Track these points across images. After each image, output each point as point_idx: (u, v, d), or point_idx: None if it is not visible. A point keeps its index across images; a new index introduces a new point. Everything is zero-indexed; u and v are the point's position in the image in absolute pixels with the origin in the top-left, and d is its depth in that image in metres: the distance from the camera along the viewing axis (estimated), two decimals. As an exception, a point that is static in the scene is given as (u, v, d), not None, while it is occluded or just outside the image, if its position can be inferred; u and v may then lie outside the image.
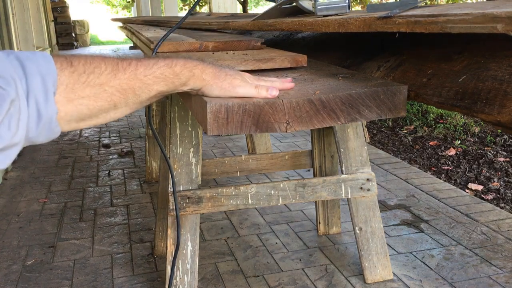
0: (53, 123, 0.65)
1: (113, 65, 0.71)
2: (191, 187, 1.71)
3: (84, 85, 0.68)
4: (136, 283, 2.02)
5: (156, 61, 0.76)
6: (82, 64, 0.69)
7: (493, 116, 0.68)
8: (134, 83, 0.73)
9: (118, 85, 0.71)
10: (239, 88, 0.81)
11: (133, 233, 2.47)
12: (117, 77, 0.71)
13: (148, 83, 0.74)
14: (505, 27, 0.62)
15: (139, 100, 0.75)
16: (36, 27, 6.93)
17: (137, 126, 4.72)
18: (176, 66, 0.77)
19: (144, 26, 2.71)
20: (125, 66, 0.72)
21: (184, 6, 15.69)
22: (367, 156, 1.92)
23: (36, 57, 0.64)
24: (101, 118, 0.72)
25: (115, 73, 0.71)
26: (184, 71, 0.77)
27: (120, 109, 0.73)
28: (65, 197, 2.98)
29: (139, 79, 0.73)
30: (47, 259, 2.23)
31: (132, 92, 0.73)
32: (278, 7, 1.39)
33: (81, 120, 0.70)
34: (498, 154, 3.59)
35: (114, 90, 0.71)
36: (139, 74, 0.73)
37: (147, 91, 0.74)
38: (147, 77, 0.74)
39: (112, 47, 14.73)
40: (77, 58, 0.69)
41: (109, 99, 0.70)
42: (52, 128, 0.65)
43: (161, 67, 0.75)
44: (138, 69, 0.73)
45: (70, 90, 0.66)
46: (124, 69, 0.72)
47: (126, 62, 0.73)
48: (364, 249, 1.93)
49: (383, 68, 1.00)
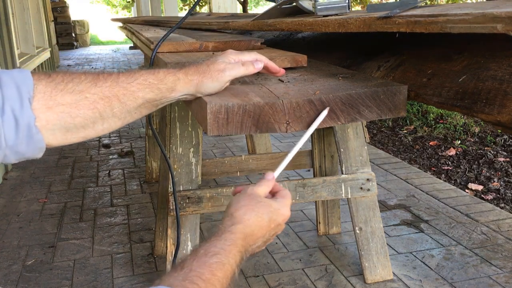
0: (32, 129, 0.65)
1: (93, 76, 0.72)
2: (191, 187, 1.71)
3: (62, 92, 0.68)
4: (136, 283, 2.02)
5: (138, 70, 0.77)
6: (61, 76, 0.70)
7: (493, 116, 0.68)
8: (117, 90, 0.73)
9: (100, 93, 0.71)
10: (228, 71, 0.81)
11: (133, 233, 2.47)
12: (98, 85, 0.71)
13: (132, 90, 0.74)
14: (505, 27, 0.62)
15: (126, 108, 0.74)
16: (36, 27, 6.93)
17: (137, 126, 4.72)
18: (159, 73, 0.77)
19: (144, 26, 2.71)
20: (106, 76, 0.73)
21: (184, 6, 15.68)
22: (367, 156, 1.92)
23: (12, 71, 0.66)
24: (88, 130, 0.72)
25: (95, 81, 0.71)
26: (168, 76, 0.77)
27: (108, 120, 0.73)
28: (65, 197, 2.98)
29: (122, 87, 0.73)
30: (47, 259, 2.23)
31: (117, 99, 0.73)
32: (278, 7, 1.39)
33: (67, 131, 0.70)
34: (498, 154, 3.59)
35: (97, 98, 0.71)
36: (122, 82, 0.74)
37: (132, 99, 0.74)
38: (130, 84, 0.74)
39: (112, 47, 14.73)
40: (56, 72, 0.71)
41: (92, 106, 0.70)
42: (33, 135, 0.66)
43: (143, 74, 0.76)
44: (120, 78, 0.74)
45: (48, 97, 0.67)
46: (105, 79, 0.73)
47: (107, 74, 0.74)
48: (364, 249, 1.93)
49: (383, 68, 1.00)
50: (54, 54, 8.48)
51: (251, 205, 0.74)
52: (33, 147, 0.67)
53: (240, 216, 0.72)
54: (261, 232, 0.73)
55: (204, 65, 0.82)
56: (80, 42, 14.71)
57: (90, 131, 0.73)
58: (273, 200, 0.77)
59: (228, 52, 0.86)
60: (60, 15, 12.86)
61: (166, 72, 0.78)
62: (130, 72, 0.75)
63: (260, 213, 0.73)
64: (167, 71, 0.78)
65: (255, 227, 0.72)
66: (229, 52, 0.86)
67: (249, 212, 0.73)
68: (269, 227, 0.74)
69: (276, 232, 0.77)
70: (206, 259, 0.64)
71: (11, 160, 0.66)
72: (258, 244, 0.74)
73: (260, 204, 0.74)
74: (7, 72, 0.66)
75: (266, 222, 0.73)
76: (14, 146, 0.64)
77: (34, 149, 0.67)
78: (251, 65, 0.84)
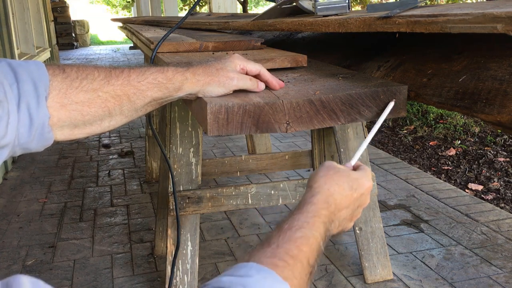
0: (45, 128, 0.64)
1: (106, 72, 0.71)
2: (191, 187, 1.71)
3: (77, 90, 0.67)
4: (136, 283, 2.02)
5: (148, 68, 0.76)
6: (75, 71, 0.69)
7: (493, 116, 0.68)
8: (128, 89, 0.72)
9: (112, 91, 0.71)
10: (236, 81, 0.82)
11: (133, 233, 2.47)
12: (111, 83, 0.71)
13: (142, 89, 0.74)
14: (505, 27, 0.62)
15: (134, 107, 0.74)
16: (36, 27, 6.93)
17: (137, 126, 4.72)
18: (168, 71, 0.77)
19: (144, 26, 2.71)
20: (118, 73, 0.72)
21: (184, 6, 15.68)
22: (367, 156, 1.92)
23: (28, 64, 0.64)
24: (95, 126, 0.72)
25: (108, 79, 0.71)
26: (176, 75, 0.77)
27: (115, 117, 0.73)
28: (65, 197, 2.98)
29: (133, 85, 0.73)
30: (47, 259, 2.23)
31: (127, 98, 0.72)
32: (278, 7, 1.39)
33: (75, 127, 0.69)
34: (498, 154, 3.58)
35: (109, 96, 0.70)
36: (133, 80, 0.73)
37: (141, 97, 0.74)
38: (141, 83, 0.73)
39: (112, 47, 14.73)
40: (70, 66, 0.70)
41: (103, 105, 0.70)
42: (44, 133, 0.65)
43: (153, 73, 0.75)
44: (131, 75, 0.73)
45: (63, 95, 0.66)
46: (117, 76, 0.72)
47: (118, 70, 0.73)
48: (364, 249, 1.93)
49: (383, 68, 1.00)
50: (54, 54, 8.48)
51: (329, 174, 0.71)
52: (42, 144, 0.66)
53: (320, 187, 0.70)
54: (344, 202, 0.71)
55: (212, 67, 0.81)
56: (80, 42, 14.71)
57: (97, 127, 0.72)
58: (352, 171, 0.75)
59: (234, 56, 0.85)
60: (60, 15, 12.87)
61: (175, 71, 0.77)
62: (140, 69, 0.75)
63: (340, 182, 0.71)
64: (175, 70, 0.78)
65: (337, 195, 0.70)
66: (236, 56, 0.85)
67: (329, 181, 0.70)
68: (352, 197, 0.71)
69: (361, 203, 0.74)
70: (291, 234, 0.62)
71: (16, 154, 0.66)
72: (344, 216, 0.72)
73: (339, 173, 0.72)
74: (23, 65, 0.64)
75: (347, 191, 0.71)
76: (25, 144, 0.64)
77: (42, 145, 0.67)
78: (256, 83, 0.85)
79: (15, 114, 0.60)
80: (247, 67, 0.85)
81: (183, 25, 2.07)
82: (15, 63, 0.63)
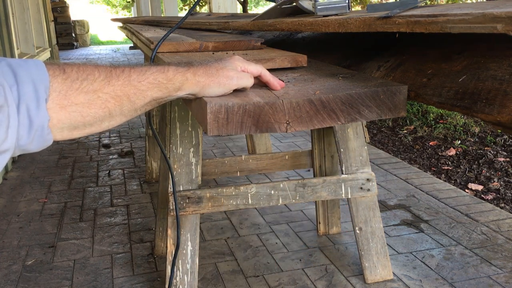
0: (45, 130, 0.64)
1: (106, 72, 0.71)
2: (191, 187, 1.71)
3: (77, 92, 0.67)
4: (136, 283, 2.02)
5: (148, 67, 0.76)
6: (75, 71, 0.68)
7: (493, 116, 0.68)
8: (129, 90, 0.72)
9: (113, 92, 0.70)
10: (236, 80, 0.82)
11: (133, 233, 2.47)
12: (111, 83, 0.70)
13: (143, 89, 0.73)
14: (505, 27, 0.62)
15: (134, 107, 0.74)
16: (36, 27, 6.93)
17: (137, 126, 4.72)
18: (168, 71, 0.76)
19: (144, 26, 2.71)
20: (119, 73, 0.72)
21: (184, 6, 15.68)
22: (367, 156, 1.92)
23: (28, 65, 0.63)
24: (95, 127, 0.71)
25: (108, 79, 0.70)
26: (177, 76, 0.77)
27: (115, 117, 0.72)
28: (65, 197, 2.98)
29: (133, 85, 0.72)
30: (47, 259, 2.23)
31: (127, 98, 0.72)
32: (278, 7, 1.39)
33: (75, 128, 0.69)
34: (498, 154, 3.59)
35: (109, 97, 0.70)
36: (133, 81, 0.73)
37: (142, 98, 0.74)
38: (141, 83, 0.73)
39: (112, 47, 14.73)
40: (70, 66, 0.69)
41: (103, 106, 0.70)
42: (44, 135, 0.64)
43: (154, 72, 0.75)
44: (132, 75, 0.73)
45: (63, 96, 0.66)
46: (118, 76, 0.71)
47: (119, 69, 0.72)
48: (364, 249, 1.93)
49: (383, 68, 1.00)
50: (54, 54, 8.48)
51: None
52: (41, 145, 0.66)
53: None
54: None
55: (213, 68, 0.82)
56: (80, 42, 14.71)
57: (97, 127, 0.72)
58: None
59: (235, 58, 0.86)
60: (60, 15, 12.87)
61: (175, 71, 0.77)
62: (141, 69, 0.75)
63: None
64: (176, 71, 0.77)
65: None
66: (236, 58, 0.86)
67: None
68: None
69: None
70: None
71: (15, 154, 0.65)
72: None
73: None
74: (23, 65, 0.63)
75: None
76: (24, 146, 0.63)
77: (41, 146, 0.66)
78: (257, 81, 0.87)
79: (15, 117, 0.60)
80: (247, 68, 0.85)
81: (183, 25, 2.07)
82: (15, 63, 0.63)
